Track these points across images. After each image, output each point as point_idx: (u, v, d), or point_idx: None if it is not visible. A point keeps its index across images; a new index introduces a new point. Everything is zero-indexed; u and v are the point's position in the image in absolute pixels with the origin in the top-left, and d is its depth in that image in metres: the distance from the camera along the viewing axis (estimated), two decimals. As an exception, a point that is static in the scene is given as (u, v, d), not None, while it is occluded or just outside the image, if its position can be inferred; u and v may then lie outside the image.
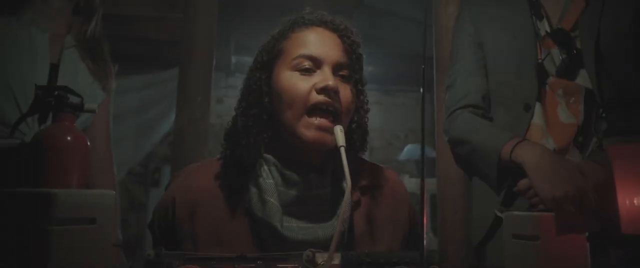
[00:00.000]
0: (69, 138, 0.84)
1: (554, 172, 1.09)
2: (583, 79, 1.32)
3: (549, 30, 1.37)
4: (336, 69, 1.02)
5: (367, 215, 1.07)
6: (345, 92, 1.02)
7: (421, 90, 0.82)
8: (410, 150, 4.83)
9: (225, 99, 5.32)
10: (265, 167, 1.02)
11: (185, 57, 2.13)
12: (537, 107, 1.31)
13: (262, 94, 1.03)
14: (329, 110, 0.99)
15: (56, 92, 0.92)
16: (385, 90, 5.81)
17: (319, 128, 0.98)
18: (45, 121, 1.20)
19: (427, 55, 2.14)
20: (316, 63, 1.01)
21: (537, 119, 1.31)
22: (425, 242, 1.05)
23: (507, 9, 1.45)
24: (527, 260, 0.84)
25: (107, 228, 0.73)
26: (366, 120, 1.12)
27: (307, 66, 1.00)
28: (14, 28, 1.50)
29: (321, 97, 0.98)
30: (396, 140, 5.68)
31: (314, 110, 0.99)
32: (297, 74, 1.01)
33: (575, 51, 1.33)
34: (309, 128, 0.98)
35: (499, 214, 0.94)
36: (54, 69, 1.52)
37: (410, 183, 4.22)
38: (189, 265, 0.89)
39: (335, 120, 1.00)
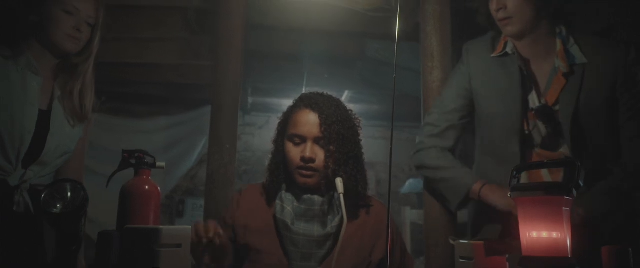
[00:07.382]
0: (146, 187, 1.20)
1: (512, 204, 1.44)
2: (565, 148, 1.60)
3: (537, 104, 1.63)
4: (316, 140, 1.52)
5: (353, 235, 1.51)
6: (322, 154, 1.51)
7: (391, 128, 1.22)
8: (412, 184, 5.10)
9: (243, 136, 5.71)
10: (287, 191, 1.54)
11: (216, 107, 2.42)
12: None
13: (279, 153, 1.59)
14: (310, 166, 1.51)
15: (136, 154, 1.30)
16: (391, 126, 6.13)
17: (304, 176, 1.52)
18: (28, 166, 1.58)
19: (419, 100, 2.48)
20: (302, 139, 1.53)
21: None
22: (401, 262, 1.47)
23: (503, 76, 1.68)
24: (469, 275, 1.22)
25: (187, 250, 1.12)
26: (358, 170, 1.56)
27: (297, 141, 1.53)
28: (10, 71, 1.54)
29: (303, 163, 1.51)
30: (401, 173, 5.99)
31: (301, 167, 1.51)
32: (291, 144, 1.54)
33: (557, 125, 1.60)
34: (299, 176, 1.52)
35: (452, 242, 1.31)
36: (45, 115, 1.60)
37: (412, 214, 4.49)
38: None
39: (316, 171, 1.51)
